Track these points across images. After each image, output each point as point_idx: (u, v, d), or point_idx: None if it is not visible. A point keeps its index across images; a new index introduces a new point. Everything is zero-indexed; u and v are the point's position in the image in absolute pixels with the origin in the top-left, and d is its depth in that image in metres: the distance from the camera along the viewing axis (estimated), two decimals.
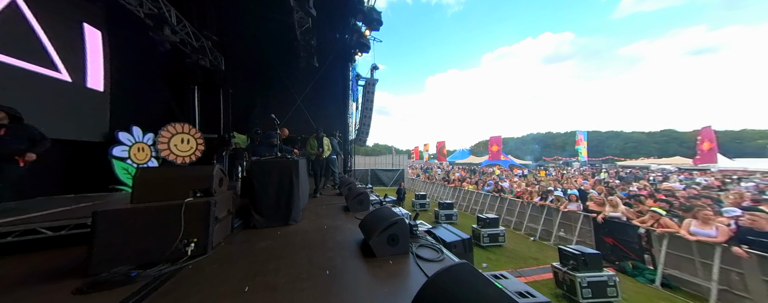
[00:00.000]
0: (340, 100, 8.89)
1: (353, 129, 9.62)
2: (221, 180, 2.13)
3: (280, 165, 2.63)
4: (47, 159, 2.91)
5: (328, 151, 4.35)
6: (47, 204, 2.64)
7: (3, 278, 1.48)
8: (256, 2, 6.25)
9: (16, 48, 2.96)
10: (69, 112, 3.59)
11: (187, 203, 1.70)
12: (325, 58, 7.92)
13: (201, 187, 1.91)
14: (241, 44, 6.94)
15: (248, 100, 7.42)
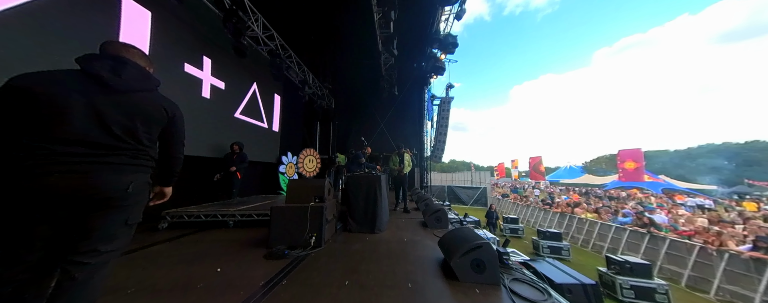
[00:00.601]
0: (416, 120, 9.94)
1: (429, 146, 10.29)
2: (329, 190, 2.73)
3: (368, 179, 3.12)
4: (252, 173, 5.39)
5: (409, 167, 4.61)
6: (254, 200, 4.80)
7: (235, 240, 2.58)
8: (355, 54, 8.44)
9: (251, 113, 5.75)
10: (263, 145, 6.36)
11: (311, 206, 2.39)
12: (404, 85, 9.28)
13: (318, 195, 2.56)
14: (343, 87, 9.44)
15: (347, 128, 9.77)
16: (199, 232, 2.92)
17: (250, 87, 5.64)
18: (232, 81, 4.99)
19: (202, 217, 3.11)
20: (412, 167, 5.36)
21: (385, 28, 5.76)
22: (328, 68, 8.53)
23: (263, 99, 6.12)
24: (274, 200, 4.31)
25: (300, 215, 2.37)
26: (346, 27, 6.72)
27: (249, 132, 5.61)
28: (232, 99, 5.04)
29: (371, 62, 7.73)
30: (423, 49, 8.69)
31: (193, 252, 2.27)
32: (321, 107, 8.23)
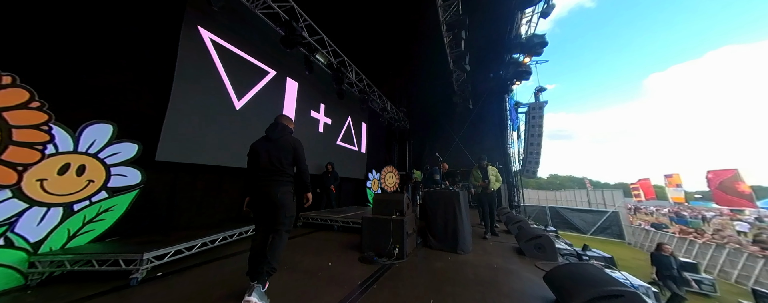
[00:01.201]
0: (497, 132, 9.22)
1: (517, 159, 9.15)
2: (408, 205, 2.93)
3: (444, 196, 3.14)
4: (347, 187, 6.74)
5: (498, 183, 3.96)
6: (350, 210, 5.90)
7: (339, 241, 3.18)
8: (427, 76, 9.14)
9: (347, 139, 7.36)
10: (355, 165, 7.83)
11: (393, 219, 2.66)
12: (479, 98, 9.02)
13: (398, 209, 2.81)
14: (417, 108, 10.25)
15: (421, 146, 10.34)
16: (317, 232, 3.91)
17: (346, 119, 7.30)
18: (335, 117, 6.70)
19: (318, 220, 4.24)
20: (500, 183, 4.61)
21: (455, 48, 6.14)
22: (403, 94, 9.65)
23: (354, 127, 7.69)
24: (364, 211, 4.97)
25: (384, 226, 2.64)
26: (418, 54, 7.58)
27: (345, 155, 7.14)
28: (335, 130, 6.72)
29: (443, 81, 8.17)
30: (500, 57, 8.35)
31: (316, 246, 3.05)
32: (398, 129, 9.29)
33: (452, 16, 5.16)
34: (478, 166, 4.06)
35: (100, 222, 2.31)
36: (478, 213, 4.34)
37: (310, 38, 4.96)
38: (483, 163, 4.01)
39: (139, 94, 2.81)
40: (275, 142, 1.84)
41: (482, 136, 9.34)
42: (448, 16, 5.18)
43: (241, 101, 3.95)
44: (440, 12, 5.02)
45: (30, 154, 1.84)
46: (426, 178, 5.63)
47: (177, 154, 3.01)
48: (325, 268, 2.28)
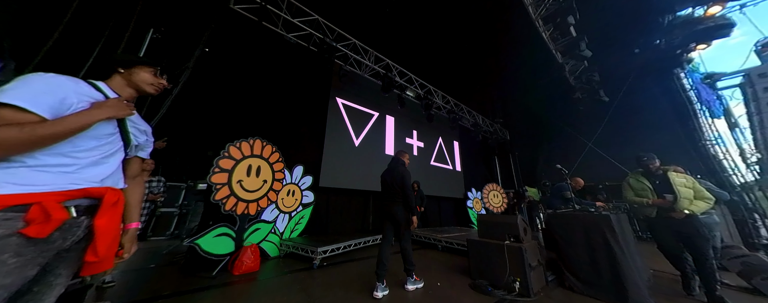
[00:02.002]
0: (674, 123, 6.39)
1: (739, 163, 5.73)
2: (525, 229, 2.51)
3: (584, 220, 2.40)
4: (447, 207, 6.87)
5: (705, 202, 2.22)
6: (452, 230, 5.86)
7: (444, 262, 3.26)
8: (525, 79, 8.21)
9: (440, 159, 7.76)
10: (451, 184, 7.95)
11: (507, 245, 2.35)
12: (619, 84, 6.85)
13: (512, 234, 2.46)
14: (517, 116, 9.18)
15: (531, 157, 8.90)
16: (421, 249, 4.21)
17: (437, 140, 7.81)
18: (427, 140, 7.38)
19: (422, 237, 4.67)
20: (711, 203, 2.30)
21: (562, 38, 5.37)
22: (496, 104, 9.10)
23: (446, 147, 8.02)
24: (468, 232, 4.85)
25: (496, 253, 2.39)
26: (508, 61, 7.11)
27: (440, 174, 7.50)
28: (428, 152, 7.35)
29: (548, 80, 7.06)
30: (650, 24, 6.16)
31: (422, 264, 3.09)
32: (495, 142, 8.65)
33: (549, 8, 4.76)
34: (638, 174, 2.49)
35: (299, 225, 3.96)
36: (663, 252, 2.45)
37: (400, 80, 6.14)
38: (652, 164, 2.35)
39: (310, 146, 4.68)
40: (391, 172, 2.53)
41: (640, 133, 6.76)
42: (542, 10, 4.83)
43: (358, 140, 5.45)
44: (531, 10, 4.77)
45: (279, 185, 3.62)
46: (550, 196, 4.58)
47: (329, 182, 4.61)
48: (435, 287, 2.40)
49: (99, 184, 0.79)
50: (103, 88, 0.86)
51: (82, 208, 0.76)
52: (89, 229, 0.78)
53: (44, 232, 0.66)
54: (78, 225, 0.75)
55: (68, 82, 0.76)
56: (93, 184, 0.78)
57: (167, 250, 3.56)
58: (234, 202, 3.06)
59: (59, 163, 0.72)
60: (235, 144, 3.19)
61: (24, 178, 0.67)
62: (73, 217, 0.73)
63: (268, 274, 2.78)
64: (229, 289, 2.31)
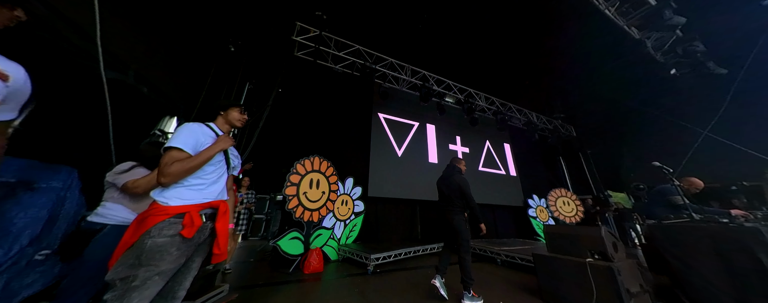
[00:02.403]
0: None
1: None
2: (614, 245, 2.05)
3: (713, 234, 1.85)
4: (505, 217, 6.25)
5: None
6: (513, 243, 5.16)
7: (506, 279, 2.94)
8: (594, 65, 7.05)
9: (489, 164, 7.27)
10: (506, 190, 7.25)
11: (590, 263, 1.93)
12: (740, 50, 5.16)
13: (597, 249, 2.01)
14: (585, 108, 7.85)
15: (610, 156, 7.36)
16: (476, 262, 3.82)
17: (484, 144, 7.39)
18: (472, 145, 7.07)
19: (476, 249, 4.37)
20: None
21: (634, 11, 4.54)
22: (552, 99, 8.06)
23: (495, 150, 7.48)
24: (534, 246, 4.47)
25: (575, 272, 2.00)
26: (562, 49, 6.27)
27: (491, 180, 6.99)
28: (474, 157, 7.01)
29: (623, 61, 5.91)
30: None
31: (480, 278, 2.84)
32: (558, 141, 7.57)
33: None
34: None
35: (353, 232, 4.37)
36: None
37: (438, 88, 6.23)
38: None
39: (358, 159, 5.18)
40: (446, 180, 2.54)
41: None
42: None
43: (400, 150, 5.71)
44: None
45: (334, 195, 4.15)
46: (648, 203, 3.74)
47: (377, 191, 4.96)
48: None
49: (216, 198, 1.14)
50: (213, 127, 1.26)
51: (207, 215, 1.10)
52: (212, 230, 1.11)
53: (191, 234, 1.00)
54: (206, 227, 1.09)
55: (198, 128, 1.16)
56: (213, 198, 1.13)
57: (260, 248, 4.56)
58: (301, 211, 3.69)
59: (197, 183, 1.10)
60: (301, 161, 3.89)
61: (182, 195, 1.05)
62: (204, 222, 1.06)
63: (330, 275, 3.19)
64: (302, 285, 2.79)
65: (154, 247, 0.93)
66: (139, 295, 0.88)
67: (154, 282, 0.91)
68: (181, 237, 0.98)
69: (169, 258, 0.95)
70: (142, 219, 0.99)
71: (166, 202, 1.01)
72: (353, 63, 5.18)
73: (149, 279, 0.90)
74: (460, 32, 5.76)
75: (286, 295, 2.47)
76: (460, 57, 6.33)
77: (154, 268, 0.92)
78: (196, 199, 1.07)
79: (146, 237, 0.94)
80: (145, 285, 0.90)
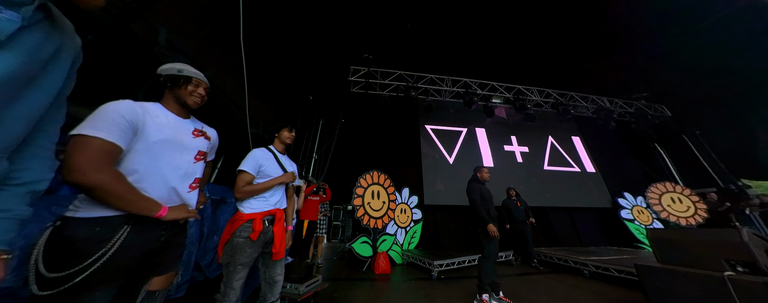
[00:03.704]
0: None
1: None
2: (767, 251, 1.52)
3: None
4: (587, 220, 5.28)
5: None
6: (605, 252, 4.12)
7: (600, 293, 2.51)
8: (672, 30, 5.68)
9: (557, 162, 6.39)
10: (584, 189, 6.16)
11: (730, 278, 1.46)
12: None
13: (739, 258, 1.54)
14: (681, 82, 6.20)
15: (733, 133, 5.45)
16: (557, 273, 3.48)
17: (547, 141, 6.62)
18: (532, 143, 6.44)
19: (555, 259, 3.82)
20: None
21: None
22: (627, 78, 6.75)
23: (563, 145, 6.59)
24: (635, 255, 3.77)
25: (705, 289, 1.55)
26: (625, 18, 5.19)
27: (563, 179, 6.11)
28: (537, 156, 6.33)
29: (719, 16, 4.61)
30: None
31: (563, 292, 2.66)
32: (643, 125, 6.15)
33: None
34: None
35: (414, 238, 4.60)
36: None
37: (482, 91, 6.14)
38: None
39: (411, 170, 5.50)
40: None
41: None
42: None
43: (451, 157, 5.76)
44: None
45: (393, 204, 4.54)
46: None
47: (432, 199, 5.11)
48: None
49: (274, 207, 1.39)
50: (272, 149, 1.53)
51: (268, 220, 1.35)
52: (272, 234, 1.35)
53: (255, 237, 1.27)
54: (268, 230, 1.33)
55: (260, 153, 1.44)
56: (273, 207, 1.38)
57: (340, 249, 5.35)
58: (367, 219, 4.18)
59: (262, 196, 1.39)
60: (363, 176, 4.48)
61: (252, 205, 1.34)
62: (265, 226, 1.32)
63: (397, 277, 3.43)
64: (374, 283, 3.13)
65: (237, 244, 1.25)
66: (235, 276, 1.23)
67: (239, 270, 1.24)
68: (250, 239, 1.25)
69: (245, 253, 1.24)
70: (232, 221, 1.32)
71: (243, 211, 1.33)
72: (397, 86, 5.76)
73: (236, 267, 1.23)
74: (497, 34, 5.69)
75: (363, 290, 2.81)
76: (500, 57, 6.16)
77: (238, 259, 1.24)
78: (261, 208, 1.35)
79: (234, 236, 1.27)
80: (236, 270, 1.23)
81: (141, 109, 0.81)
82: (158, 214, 0.77)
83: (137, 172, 0.77)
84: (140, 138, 0.78)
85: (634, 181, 6.10)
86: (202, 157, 0.96)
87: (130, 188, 0.73)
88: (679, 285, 1.70)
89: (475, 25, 5.40)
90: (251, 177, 1.36)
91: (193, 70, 0.95)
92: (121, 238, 0.70)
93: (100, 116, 0.71)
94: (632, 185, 5.91)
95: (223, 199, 2.11)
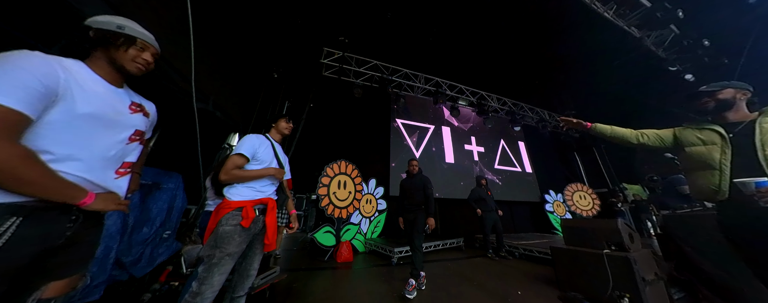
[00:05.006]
0: None
1: None
2: (631, 236, 2.05)
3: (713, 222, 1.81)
4: (522, 212, 6.19)
5: None
6: (530, 237, 5.03)
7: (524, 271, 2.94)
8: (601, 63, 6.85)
9: (505, 162, 7.23)
10: (523, 187, 7.14)
11: (607, 254, 1.94)
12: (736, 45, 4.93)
13: (614, 241, 2.03)
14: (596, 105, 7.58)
15: (623, 148, 7.02)
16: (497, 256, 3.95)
17: (499, 143, 7.37)
18: (487, 144, 7.08)
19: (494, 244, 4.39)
20: None
21: (631, 13, 4.55)
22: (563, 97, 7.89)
23: (510, 149, 7.42)
24: (551, 239, 4.49)
25: (592, 263, 2.03)
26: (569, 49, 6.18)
27: (508, 177, 6.96)
28: (490, 156, 7.02)
29: (629, 57, 5.74)
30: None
31: (498, 270, 3.06)
32: (571, 137, 7.39)
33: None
34: None
35: (378, 227, 4.64)
36: None
37: (451, 93, 6.40)
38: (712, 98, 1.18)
39: (379, 161, 5.47)
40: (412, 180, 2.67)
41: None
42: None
43: (418, 152, 5.92)
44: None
45: (360, 195, 4.47)
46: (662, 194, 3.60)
47: (397, 191, 5.18)
48: (515, 295, 2.23)
49: (267, 195, 1.29)
50: (269, 137, 1.44)
51: (260, 209, 1.24)
52: (264, 223, 1.24)
53: (247, 224, 1.15)
54: (259, 220, 1.23)
55: (256, 139, 1.33)
56: (264, 195, 1.28)
57: (301, 239, 5.05)
58: (332, 208, 4.02)
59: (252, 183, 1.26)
60: (330, 165, 4.24)
61: (241, 192, 1.22)
62: (257, 215, 1.21)
63: (359, 265, 3.43)
64: (336, 271, 3.06)
65: (224, 233, 1.11)
66: (219, 271, 1.07)
67: (225, 261, 1.09)
68: (241, 227, 1.13)
69: (234, 242, 1.11)
70: (218, 210, 1.19)
71: (230, 198, 1.20)
72: (372, 76, 5.53)
73: (222, 258, 1.08)
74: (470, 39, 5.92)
75: (324, 278, 2.73)
76: (470, 63, 6.45)
77: (224, 249, 1.09)
78: (252, 196, 1.25)
79: (219, 225, 1.13)
80: (221, 262, 1.08)
81: (61, 68, 0.57)
82: (82, 201, 0.61)
83: (51, 154, 0.56)
84: (59, 108, 0.58)
85: (557, 181, 7.31)
86: (138, 138, 0.76)
87: (45, 170, 0.56)
88: (576, 260, 2.17)
89: (450, 29, 5.50)
90: (244, 161, 1.25)
91: (140, 30, 0.74)
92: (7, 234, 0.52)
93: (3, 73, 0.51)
94: (555, 184, 7.08)
95: (157, 184, 1.69)
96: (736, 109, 1.11)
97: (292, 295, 2.19)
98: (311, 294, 2.24)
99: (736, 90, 1.11)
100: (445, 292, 2.35)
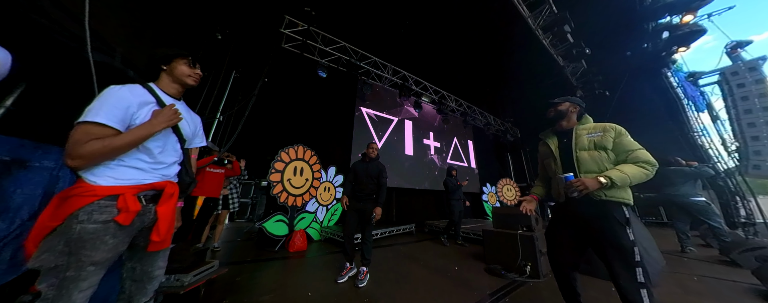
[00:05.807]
0: (665, 118, 6.27)
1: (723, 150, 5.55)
2: (536, 220, 2.65)
3: None
4: None
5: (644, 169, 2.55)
6: (469, 222, 5.98)
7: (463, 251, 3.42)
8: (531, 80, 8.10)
9: (456, 157, 7.95)
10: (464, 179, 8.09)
11: (520, 234, 2.47)
12: (617, 82, 6.68)
13: (525, 224, 2.60)
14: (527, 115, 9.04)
15: None
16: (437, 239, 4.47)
17: (453, 140, 8.02)
18: (442, 140, 7.63)
19: (440, 228, 4.95)
20: None
21: (561, 44, 5.46)
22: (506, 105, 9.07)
23: (461, 146, 8.20)
24: (484, 224, 5.13)
25: (510, 241, 2.50)
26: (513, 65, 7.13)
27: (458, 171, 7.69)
28: (444, 151, 7.60)
29: (552, 81, 6.99)
30: (635, 30, 6.16)
31: (441, 251, 3.37)
32: (507, 140, 8.63)
33: (546, 19, 4.89)
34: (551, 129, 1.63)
35: (334, 216, 4.52)
36: None
37: (416, 88, 6.52)
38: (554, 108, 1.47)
39: (340, 149, 5.24)
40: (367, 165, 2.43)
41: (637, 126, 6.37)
42: (541, 20, 4.96)
43: (380, 142, 5.92)
44: (531, 22, 4.94)
45: (317, 183, 4.23)
46: None
47: None
48: (452, 270, 2.50)
49: (162, 179, 0.89)
50: (155, 90, 0.90)
51: (148, 197, 0.85)
52: (155, 216, 0.86)
53: (128, 221, 0.77)
54: (149, 211, 0.86)
55: (128, 94, 0.81)
56: (158, 178, 0.87)
57: (246, 229, 4.49)
58: (286, 196, 3.70)
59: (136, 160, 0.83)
60: (285, 150, 3.84)
61: (118, 173, 0.79)
62: (143, 205, 0.82)
63: (313, 253, 3.29)
64: (287, 261, 2.86)
65: (85, 234, 0.71)
66: (77, 287, 0.69)
67: (90, 272, 0.71)
68: (116, 223, 0.76)
69: (104, 247, 0.73)
70: (65, 198, 0.74)
71: (94, 181, 0.75)
72: (339, 58, 5.12)
73: (83, 269, 0.70)
74: (437, 41, 6.09)
75: (272, 269, 2.52)
76: (436, 62, 6.68)
77: (87, 257, 0.71)
78: (135, 179, 0.82)
79: (73, 221, 0.71)
80: (81, 276, 0.70)
81: None
82: None
83: None
84: None
85: (493, 176, 8.51)
86: None
87: None
88: (499, 239, 2.66)
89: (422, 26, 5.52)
90: (107, 131, 0.75)
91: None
92: None
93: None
94: (491, 179, 8.23)
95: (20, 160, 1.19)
96: (568, 119, 1.37)
97: (235, 290, 1.94)
98: (258, 286, 2.03)
99: (571, 104, 1.38)
100: (394, 273, 2.47)
